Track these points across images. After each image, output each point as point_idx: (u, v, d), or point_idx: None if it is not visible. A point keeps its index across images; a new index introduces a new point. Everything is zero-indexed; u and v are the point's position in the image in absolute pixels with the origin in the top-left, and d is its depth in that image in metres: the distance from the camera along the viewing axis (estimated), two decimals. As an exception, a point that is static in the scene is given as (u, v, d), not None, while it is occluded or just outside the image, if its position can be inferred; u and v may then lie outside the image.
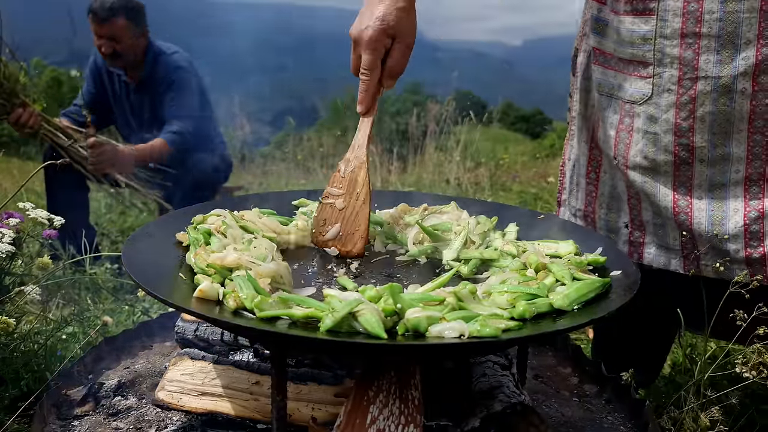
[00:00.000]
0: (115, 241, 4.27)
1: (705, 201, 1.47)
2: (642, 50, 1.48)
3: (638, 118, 1.52)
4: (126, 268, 1.15)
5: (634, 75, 1.52)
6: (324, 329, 0.98)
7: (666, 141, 1.48)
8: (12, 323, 1.55)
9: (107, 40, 3.51)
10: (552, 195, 5.70)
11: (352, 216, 1.45)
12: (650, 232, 1.59)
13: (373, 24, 1.38)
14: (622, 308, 1.10)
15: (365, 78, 1.43)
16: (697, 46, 1.40)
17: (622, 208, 1.65)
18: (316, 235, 1.49)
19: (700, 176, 1.47)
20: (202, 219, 1.46)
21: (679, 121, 1.44)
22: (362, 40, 1.40)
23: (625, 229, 1.64)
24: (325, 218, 1.48)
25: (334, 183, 1.50)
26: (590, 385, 1.61)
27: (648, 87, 1.49)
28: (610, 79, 1.60)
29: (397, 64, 1.44)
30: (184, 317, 1.48)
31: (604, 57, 1.61)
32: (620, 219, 1.66)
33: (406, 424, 1.09)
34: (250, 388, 1.29)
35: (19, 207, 1.75)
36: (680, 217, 1.50)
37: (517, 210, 1.71)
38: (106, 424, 1.34)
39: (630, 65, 1.53)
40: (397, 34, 1.41)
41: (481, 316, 1.04)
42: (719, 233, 1.46)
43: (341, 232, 1.45)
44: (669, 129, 1.46)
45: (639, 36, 1.48)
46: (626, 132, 1.55)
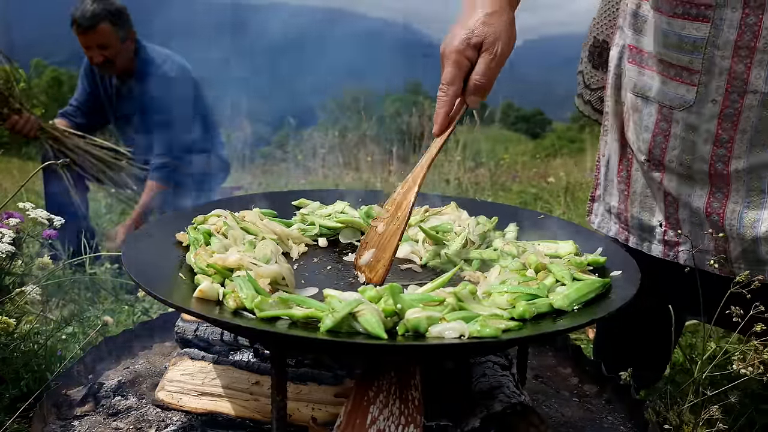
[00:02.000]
0: (115, 241, 4.26)
1: (741, 205, 1.43)
2: (690, 57, 1.40)
3: (676, 124, 1.46)
4: (126, 268, 1.15)
5: (676, 80, 1.44)
6: (324, 329, 0.98)
7: (704, 150, 1.43)
8: (12, 323, 1.55)
9: (97, 49, 3.43)
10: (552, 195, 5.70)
11: (385, 241, 1.31)
12: (686, 231, 1.54)
13: (459, 33, 1.26)
14: (622, 308, 1.10)
15: (441, 94, 1.28)
16: (749, 60, 1.34)
17: (655, 206, 1.59)
18: (356, 258, 1.37)
19: (736, 182, 1.42)
20: (203, 219, 1.46)
21: (720, 132, 1.40)
22: (446, 51, 1.27)
23: (659, 228, 1.58)
24: (366, 241, 1.36)
25: (386, 204, 1.38)
26: (590, 385, 1.61)
27: (691, 95, 1.42)
28: (646, 79, 1.51)
29: (481, 78, 1.26)
30: (184, 317, 1.48)
31: (641, 56, 1.53)
32: (654, 217, 1.60)
33: (406, 425, 1.09)
34: (250, 388, 1.29)
35: (19, 207, 1.75)
36: (712, 218, 1.47)
37: (517, 210, 1.72)
38: (106, 424, 1.34)
39: (672, 69, 1.45)
40: (483, 43, 1.25)
41: (481, 316, 1.04)
42: (751, 235, 1.42)
43: (372, 257, 1.31)
44: (709, 138, 1.41)
45: (689, 42, 1.40)
46: (662, 136, 1.49)
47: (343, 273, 1.37)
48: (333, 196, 1.75)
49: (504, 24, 1.27)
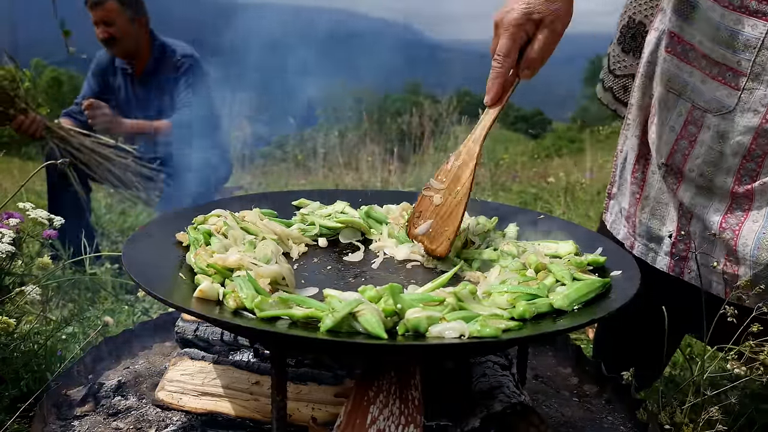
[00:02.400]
0: (115, 241, 4.27)
1: (760, 224, 1.31)
2: (738, 57, 1.26)
3: (706, 130, 1.33)
4: (126, 268, 1.15)
5: (717, 80, 1.31)
6: (324, 329, 0.98)
7: (731, 163, 1.31)
8: (12, 323, 1.55)
9: (103, 25, 3.58)
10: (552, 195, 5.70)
11: (446, 215, 1.37)
12: (696, 246, 1.43)
13: (518, 6, 1.24)
14: (622, 308, 1.10)
15: (496, 65, 1.29)
16: None
17: (667, 215, 1.48)
18: (409, 226, 1.43)
19: (760, 199, 1.30)
20: (203, 219, 1.46)
21: (753, 147, 1.27)
22: (502, 23, 1.26)
23: (668, 239, 1.47)
24: (421, 210, 1.41)
25: (439, 175, 1.41)
26: (590, 385, 1.61)
27: (732, 100, 1.28)
28: (684, 75, 1.37)
29: (539, 53, 1.27)
30: (184, 317, 1.48)
31: (683, 47, 1.37)
32: (664, 227, 1.48)
33: (406, 425, 1.09)
34: (250, 388, 1.29)
35: (19, 207, 1.75)
36: (725, 235, 1.35)
37: (517, 210, 1.71)
38: (106, 424, 1.34)
39: (716, 67, 1.31)
40: (544, 20, 1.25)
41: (481, 316, 1.04)
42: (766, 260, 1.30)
43: (431, 229, 1.38)
44: (739, 152, 1.29)
45: (741, 39, 1.25)
46: (687, 141, 1.37)
47: (343, 273, 1.37)
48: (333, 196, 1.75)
49: (567, 4, 1.26)
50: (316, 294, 1.21)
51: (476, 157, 1.37)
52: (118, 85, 3.85)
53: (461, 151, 1.40)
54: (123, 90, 3.85)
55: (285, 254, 1.42)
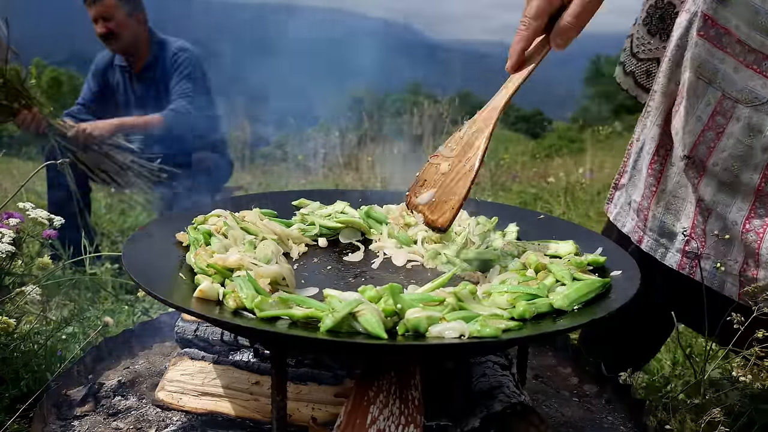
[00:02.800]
0: (115, 241, 4.27)
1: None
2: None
3: (736, 122, 1.27)
4: (126, 268, 1.15)
5: (752, 68, 1.24)
6: (324, 329, 0.98)
7: (759, 159, 1.26)
8: (12, 323, 1.55)
9: (101, 21, 3.60)
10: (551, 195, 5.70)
11: (452, 183, 1.25)
12: (711, 245, 1.38)
13: None
14: (622, 308, 1.10)
15: (522, 27, 1.18)
16: None
17: (682, 210, 1.42)
18: (409, 195, 1.33)
19: None
20: (203, 219, 1.46)
21: None
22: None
23: (682, 236, 1.41)
24: (425, 179, 1.30)
25: (450, 143, 1.31)
26: (590, 385, 1.61)
27: (767, 91, 1.23)
28: (716, 62, 1.29)
29: (574, 20, 1.15)
30: (184, 317, 1.48)
31: (717, 31, 1.28)
32: (678, 222, 1.43)
33: (406, 425, 1.09)
34: (250, 389, 1.29)
35: (19, 207, 1.75)
36: (748, 237, 1.30)
37: (517, 210, 1.71)
38: (106, 424, 1.34)
39: (752, 54, 1.24)
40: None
41: (481, 316, 1.04)
42: None
43: (434, 198, 1.27)
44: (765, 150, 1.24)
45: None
46: (714, 132, 1.30)
47: (343, 273, 1.37)
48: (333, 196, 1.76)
49: None
50: (316, 294, 1.21)
51: (493, 125, 1.24)
52: (117, 83, 3.86)
53: (476, 118, 1.29)
54: (122, 88, 3.86)
55: (285, 254, 1.42)
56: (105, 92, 3.89)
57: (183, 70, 3.73)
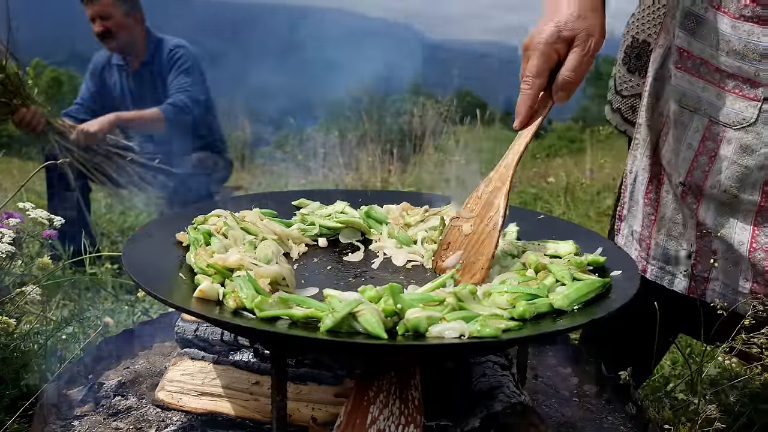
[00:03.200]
0: (115, 241, 4.27)
1: None
2: (755, 67, 1.23)
3: (727, 144, 1.29)
4: (126, 268, 1.15)
5: (735, 93, 1.27)
6: (324, 329, 0.98)
7: (757, 177, 1.27)
8: (12, 323, 1.55)
9: (98, 20, 3.62)
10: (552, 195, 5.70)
11: (477, 243, 1.29)
12: (719, 267, 1.38)
13: (548, 26, 1.20)
14: (622, 308, 1.10)
15: (525, 87, 1.23)
16: None
17: (684, 235, 1.43)
18: (436, 259, 1.36)
19: None
20: (203, 219, 1.46)
21: None
22: (531, 44, 1.21)
23: (687, 259, 1.42)
24: (449, 242, 1.34)
25: (469, 203, 1.35)
26: (590, 385, 1.61)
27: (752, 111, 1.25)
28: (698, 90, 1.33)
29: (572, 74, 1.21)
30: (184, 317, 1.48)
31: (693, 62, 1.34)
32: (681, 248, 1.44)
33: (406, 425, 1.09)
34: (250, 389, 1.29)
35: (19, 207, 1.75)
36: (756, 255, 1.30)
37: (517, 210, 1.71)
38: (106, 424, 1.34)
39: (732, 80, 1.27)
40: (576, 37, 1.20)
41: (481, 316, 1.04)
42: None
43: (462, 260, 1.30)
44: (765, 166, 1.25)
45: (756, 50, 1.22)
46: (707, 157, 1.32)
47: (343, 273, 1.37)
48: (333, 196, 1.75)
49: (599, 20, 1.22)
50: (316, 294, 1.21)
51: (509, 182, 1.29)
52: (115, 82, 3.86)
53: (492, 177, 1.33)
54: (120, 87, 3.86)
55: (285, 254, 1.42)
56: (103, 91, 3.89)
57: (181, 65, 3.74)
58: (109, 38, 3.67)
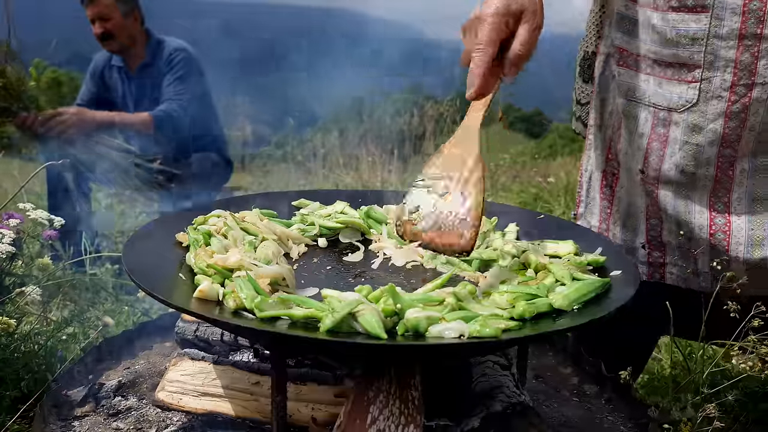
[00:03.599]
0: (115, 242, 4.27)
1: (744, 218, 1.35)
2: (689, 51, 1.32)
3: (676, 127, 1.37)
4: (126, 269, 1.15)
5: (674, 79, 1.36)
6: (324, 329, 0.98)
7: (710, 153, 1.34)
8: (12, 324, 1.55)
9: (98, 21, 3.62)
10: (551, 195, 5.70)
11: (457, 203, 1.21)
12: (671, 251, 1.47)
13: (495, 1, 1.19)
14: (621, 308, 1.10)
15: (478, 54, 1.19)
16: (756, 49, 1.25)
17: (638, 227, 1.52)
18: (403, 227, 1.28)
19: (739, 189, 1.35)
20: (203, 220, 1.46)
21: (726, 131, 1.30)
22: (482, 16, 1.20)
23: (642, 249, 1.51)
24: (417, 206, 1.26)
25: (430, 167, 1.27)
26: (590, 385, 1.61)
27: (693, 93, 1.33)
28: (641, 83, 1.43)
29: (523, 48, 1.20)
30: (184, 317, 1.48)
31: (633, 59, 1.45)
32: (637, 238, 1.53)
33: (406, 425, 1.09)
34: (250, 389, 1.29)
35: (20, 208, 1.75)
36: (717, 237, 1.37)
37: (517, 210, 1.71)
38: (107, 425, 1.34)
39: (670, 68, 1.37)
40: (525, 14, 1.20)
41: (481, 316, 1.04)
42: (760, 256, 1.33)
43: (439, 221, 1.22)
44: (715, 140, 1.33)
45: (687, 36, 1.31)
46: (659, 142, 1.40)
47: (343, 273, 1.37)
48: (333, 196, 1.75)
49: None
50: (316, 294, 1.21)
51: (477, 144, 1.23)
52: (115, 83, 3.86)
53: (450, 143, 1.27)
54: (119, 88, 3.86)
55: (285, 254, 1.42)
56: (103, 92, 3.89)
57: (177, 71, 3.72)
58: (109, 40, 3.67)
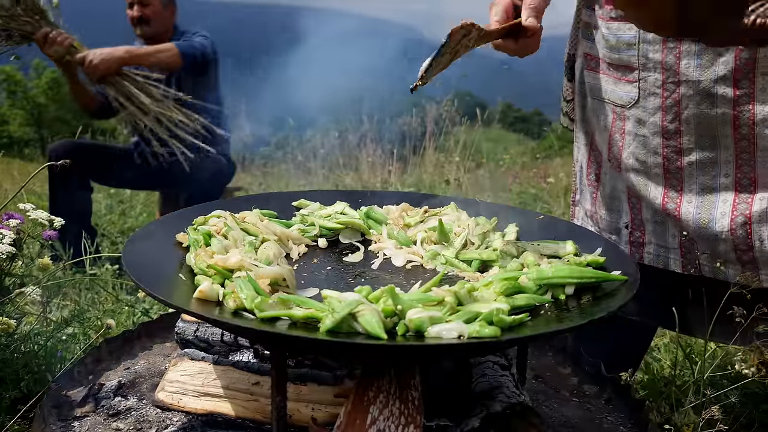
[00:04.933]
0: (115, 242, 4.27)
1: (694, 204, 1.47)
2: (627, 55, 1.50)
3: (628, 121, 1.54)
4: (126, 269, 1.15)
5: (622, 80, 1.53)
6: (324, 330, 0.98)
7: (655, 143, 1.49)
8: (12, 324, 1.55)
9: (138, 5, 3.71)
10: (551, 195, 5.70)
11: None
12: (650, 230, 1.59)
13: None
14: (621, 308, 1.10)
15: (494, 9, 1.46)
16: (678, 51, 1.41)
17: (622, 208, 1.65)
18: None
19: (689, 178, 1.47)
20: (203, 220, 1.46)
21: (665, 123, 1.46)
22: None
23: (625, 229, 1.64)
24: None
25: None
26: (590, 385, 1.61)
27: (635, 91, 1.50)
28: (601, 83, 1.60)
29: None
30: (184, 318, 1.48)
31: (595, 62, 1.63)
32: (621, 219, 1.66)
33: (406, 425, 1.09)
34: (250, 389, 1.29)
35: (20, 208, 1.75)
36: (672, 215, 1.51)
37: (517, 210, 1.72)
38: (107, 425, 1.34)
39: (618, 70, 1.54)
40: None
41: (482, 314, 1.04)
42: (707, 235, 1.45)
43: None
44: (657, 132, 1.48)
45: (624, 41, 1.49)
46: (619, 134, 1.57)
47: (342, 274, 1.38)
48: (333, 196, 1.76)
49: None
50: (316, 295, 1.21)
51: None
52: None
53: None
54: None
55: (285, 255, 1.42)
56: None
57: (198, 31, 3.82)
58: (144, 25, 3.74)
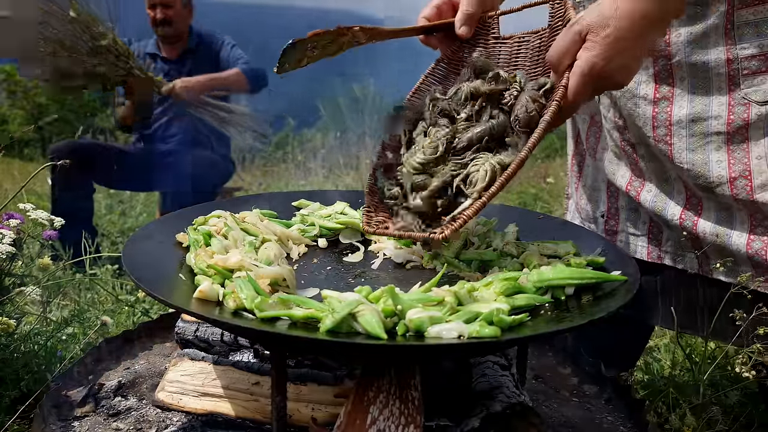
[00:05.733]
0: (115, 242, 4.27)
1: (653, 193, 1.54)
2: None
3: (598, 114, 1.65)
4: (126, 269, 1.15)
5: None
6: (324, 330, 0.98)
7: (615, 136, 1.59)
8: (12, 324, 1.55)
9: (160, 6, 3.78)
10: (551, 195, 5.70)
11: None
12: (623, 218, 1.66)
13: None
14: (622, 308, 1.10)
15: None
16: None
17: (600, 198, 1.73)
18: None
19: (647, 170, 1.54)
20: (203, 220, 1.46)
21: (615, 119, 1.55)
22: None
23: (601, 218, 1.72)
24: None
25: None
26: (590, 385, 1.61)
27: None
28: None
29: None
30: (184, 318, 1.48)
31: None
32: (598, 209, 1.74)
33: (406, 425, 1.09)
34: (250, 389, 1.29)
35: (20, 208, 1.75)
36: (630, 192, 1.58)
37: (517, 210, 1.72)
38: (107, 425, 1.34)
39: None
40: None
41: (482, 314, 1.04)
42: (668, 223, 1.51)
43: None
44: (613, 126, 1.58)
45: None
46: (596, 127, 1.69)
47: (343, 274, 1.37)
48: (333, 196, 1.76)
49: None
50: (316, 295, 1.21)
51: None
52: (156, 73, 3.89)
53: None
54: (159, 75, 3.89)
55: (285, 255, 1.42)
56: None
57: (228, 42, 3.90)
58: (167, 26, 3.80)
